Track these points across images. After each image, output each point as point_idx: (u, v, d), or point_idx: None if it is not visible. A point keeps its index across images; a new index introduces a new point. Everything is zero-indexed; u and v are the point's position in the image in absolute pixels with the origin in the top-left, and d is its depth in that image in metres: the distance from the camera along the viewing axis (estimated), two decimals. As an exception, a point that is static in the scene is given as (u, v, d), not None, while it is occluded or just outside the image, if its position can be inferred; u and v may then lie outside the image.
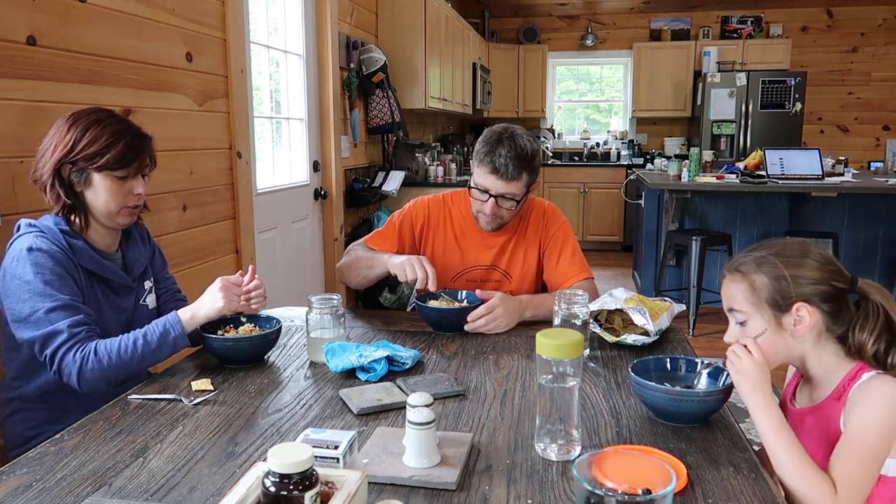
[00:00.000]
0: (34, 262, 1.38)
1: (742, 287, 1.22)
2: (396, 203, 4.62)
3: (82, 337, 1.37)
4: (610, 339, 1.57)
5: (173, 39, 2.46)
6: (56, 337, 1.35)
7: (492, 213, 1.86)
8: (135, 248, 1.63)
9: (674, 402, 1.16)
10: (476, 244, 2.00)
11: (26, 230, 1.44)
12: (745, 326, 1.22)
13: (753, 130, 6.60)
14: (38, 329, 1.36)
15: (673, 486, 0.78)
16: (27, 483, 1.01)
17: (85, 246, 1.48)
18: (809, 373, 1.24)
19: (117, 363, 1.37)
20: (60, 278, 1.39)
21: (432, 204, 2.04)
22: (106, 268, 1.51)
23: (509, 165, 1.78)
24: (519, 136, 1.82)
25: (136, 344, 1.39)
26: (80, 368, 1.35)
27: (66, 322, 1.36)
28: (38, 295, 1.36)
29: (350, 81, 4.11)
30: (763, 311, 1.19)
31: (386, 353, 1.44)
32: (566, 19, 7.76)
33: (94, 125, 1.45)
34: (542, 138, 7.91)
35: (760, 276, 1.19)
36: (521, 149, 1.80)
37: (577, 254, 1.98)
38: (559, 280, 1.95)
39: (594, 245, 7.37)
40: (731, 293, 1.24)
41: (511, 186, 1.82)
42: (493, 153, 1.80)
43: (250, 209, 3.04)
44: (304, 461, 0.77)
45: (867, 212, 4.72)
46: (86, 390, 1.38)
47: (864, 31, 7.15)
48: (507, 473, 1.03)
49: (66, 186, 1.45)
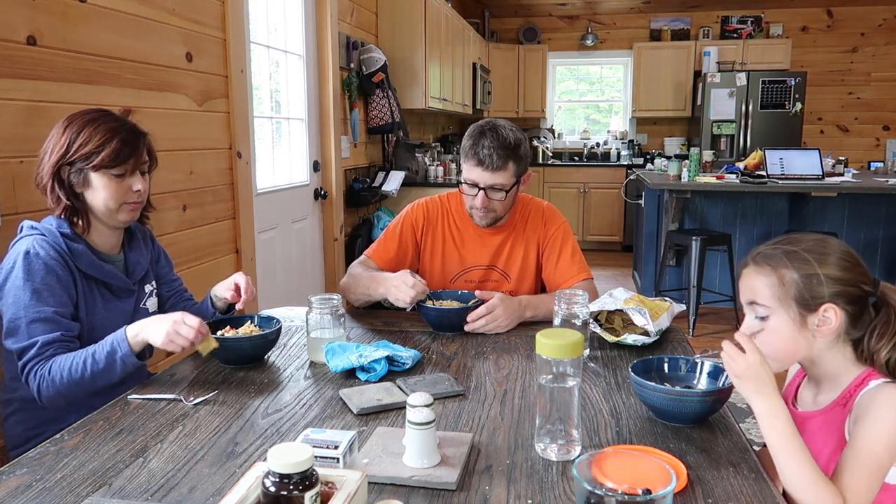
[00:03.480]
0: (27, 268, 1.38)
1: (769, 281, 1.16)
2: (396, 203, 4.62)
3: (48, 355, 1.36)
4: (610, 340, 1.57)
5: (173, 39, 2.46)
6: (27, 352, 1.36)
7: (483, 207, 1.86)
8: (137, 251, 1.63)
9: (674, 402, 1.16)
10: (474, 244, 2.00)
11: (28, 232, 1.44)
12: (766, 321, 1.17)
13: (753, 130, 6.60)
14: (17, 342, 1.37)
15: (673, 486, 0.78)
16: (27, 483, 1.01)
17: (85, 249, 1.48)
18: (817, 375, 1.21)
19: (69, 382, 1.35)
20: (49, 288, 1.39)
21: (430, 205, 2.04)
22: (106, 272, 1.51)
23: (493, 156, 1.80)
24: (501, 127, 1.84)
25: (85, 363, 1.36)
26: (38, 387, 1.36)
27: (41, 338, 1.36)
28: (23, 306, 1.37)
29: (350, 81, 4.11)
30: (788, 308, 1.14)
31: (386, 353, 1.44)
32: (566, 19, 7.76)
33: (88, 125, 1.45)
34: (542, 138, 7.92)
35: (791, 272, 1.14)
36: (504, 139, 1.81)
37: (577, 254, 1.98)
38: (559, 281, 1.95)
39: (594, 245, 7.37)
40: (754, 286, 1.18)
41: (498, 177, 1.82)
42: (476, 146, 1.81)
43: (250, 209, 3.04)
44: (304, 461, 0.77)
45: (867, 212, 4.72)
46: (50, 407, 1.39)
47: (864, 31, 7.15)
48: (507, 473, 1.03)
49: (66, 188, 1.45)
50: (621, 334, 1.58)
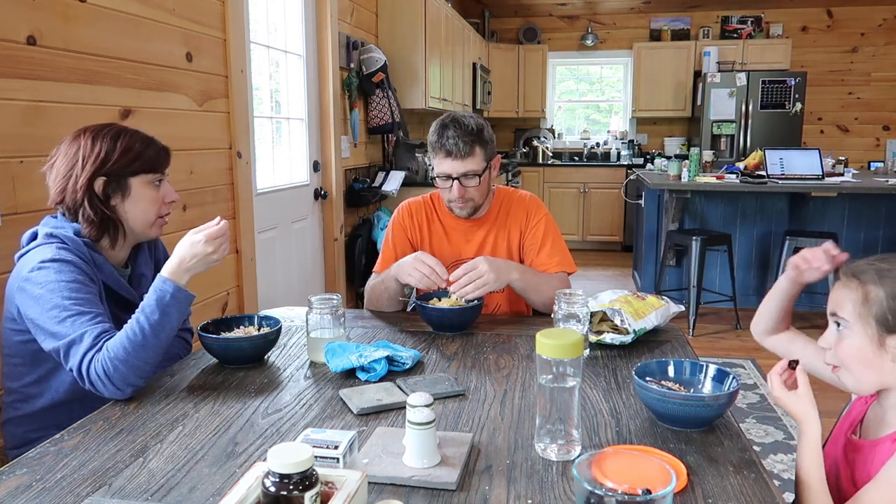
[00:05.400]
0: (59, 269, 1.35)
1: (854, 296, 1.12)
2: (396, 203, 4.61)
3: (102, 345, 1.31)
4: (592, 339, 1.58)
5: (173, 39, 2.46)
6: (77, 345, 1.30)
7: (460, 197, 1.89)
8: (144, 265, 1.62)
9: (678, 406, 1.14)
10: (459, 239, 2.04)
11: (47, 240, 1.41)
12: (842, 333, 1.14)
13: (753, 130, 6.60)
14: (60, 338, 1.31)
15: (673, 486, 0.78)
16: (27, 483, 1.01)
17: (105, 262, 1.47)
18: (885, 403, 1.16)
19: (133, 350, 1.29)
20: (86, 286, 1.37)
21: (413, 206, 2.08)
22: (122, 285, 1.51)
23: (460, 143, 1.84)
24: (462, 117, 1.88)
25: (139, 322, 1.31)
26: (105, 373, 1.28)
27: (90, 329, 1.31)
28: (61, 306, 1.32)
29: (350, 81, 4.11)
30: (868, 326, 1.10)
31: (386, 353, 1.44)
32: (566, 19, 7.76)
33: (120, 135, 1.46)
34: (542, 138, 7.92)
35: (878, 290, 1.10)
36: (466, 126, 1.86)
37: (557, 246, 1.99)
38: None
39: (594, 245, 7.37)
40: (839, 298, 1.15)
41: (468, 163, 1.86)
42: (442, 138, 1.86)
43: (250, 209, 3.04)
44: (304, 461, 0.77)
45: (867, 212, 4.72)
46: (126, 392, 1.31)
47: (864, 31, 7.15)
48: (507, 473, 1.03)
49: (101, 202, 1.44)
50: (602, 333, 1.58)
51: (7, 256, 1.68)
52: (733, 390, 1.18)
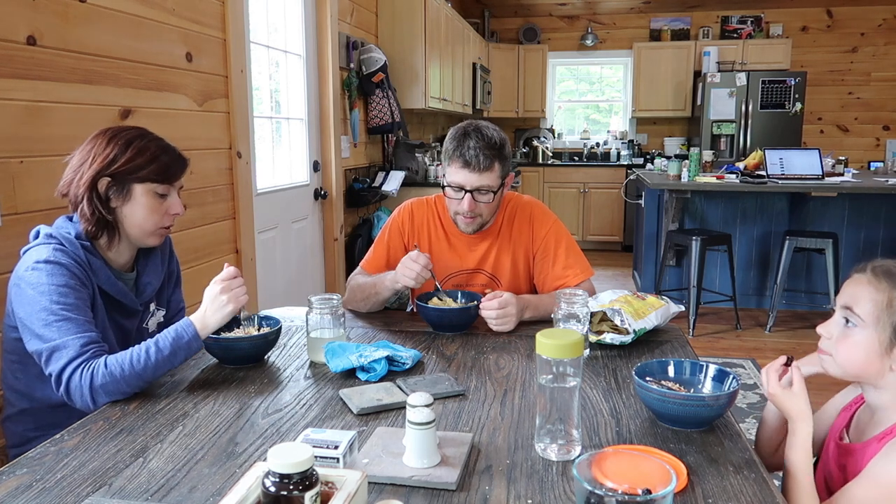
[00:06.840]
0: (51, 272, 1.35)
1: (878, 297, 1.10)
2: (396, 203, 4.61)
3: (91, 354, 1.32)
4: (592, 339, 1.58)
5: (173, 39, 2.46)
6: (62, 351, 1.31)
7: (470, 211, 1.81)
8: (152, 271, 1.61)
9: (678, 406, 1.14)
10: (461, 249, 1.96)
11: (45, 241, 1.42)
12: (852, 332, 1.13)
13: (753, 130, 6.60)
14: (44, 342, 1.31)
15: (673, 486, 0.78)
16: (27, 483, 1.01)
17: (103, 265, 1.47)
18: (875, 402, 1.16)
19: (130, 374, 1.30)
20: (76, 292, 1.37)
21: (416, 208, 2.00)
22: (119, 290, 1.50)
23: (480, 156, 1.76)
24: (485, 128, 1.80)
25: (148, 353, 1.33)
26: (91, 384, 1.29)
27: (77, 337, 1.32)
28: (49, 310, 1.32)
29: (350, 81, 4.11)
30: (881, 330, 1.09)
31: (386, 353, 1.44)
32: (566, 19, 7.76)
33: (136, 140, 1.46)
34: (542, 138, 7.92)
35: None
36: (490, 139, 1.78)
37: (573, 255, 1.92)
38: (556, 286, 1.89)
39: (594, 245, 7.37)
40: (859, 294, 1.13)
41: (485, 178, 1.78)
42: (461, 147, 1.77)
43: (250, 209, 3.04)
44: (304, 461, 0.77)
45: (867, 212, 4.72)
46: (99, 405, 1.31)
47: (864, 31, 7.14)
48: (507, 473, 1.03)
49: (101, 201, 1.44)
50: (602, 333, 1.58)
51: (7, 256, 1.68)
52: (733, 390, 1.18)
